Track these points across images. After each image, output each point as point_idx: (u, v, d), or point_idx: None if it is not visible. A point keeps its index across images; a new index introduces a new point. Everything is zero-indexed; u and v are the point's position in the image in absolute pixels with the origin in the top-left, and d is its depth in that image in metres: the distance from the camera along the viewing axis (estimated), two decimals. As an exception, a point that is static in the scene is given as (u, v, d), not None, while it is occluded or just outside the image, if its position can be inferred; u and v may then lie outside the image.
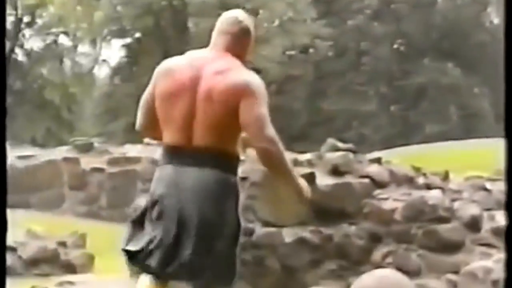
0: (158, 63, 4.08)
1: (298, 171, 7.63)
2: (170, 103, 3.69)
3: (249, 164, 7.73)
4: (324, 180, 7.70)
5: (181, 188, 3.56)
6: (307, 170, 7.72)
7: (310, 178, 7.60)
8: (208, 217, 3.52)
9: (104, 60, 38.57)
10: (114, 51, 43.67)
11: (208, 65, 3.74)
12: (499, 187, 7.78)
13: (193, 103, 3.63)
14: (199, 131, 3.61)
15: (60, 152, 14.33)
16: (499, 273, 6.72)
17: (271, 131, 3.60)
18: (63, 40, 35.68)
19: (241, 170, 7.61)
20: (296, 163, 7.85)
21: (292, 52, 32.85)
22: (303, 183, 3.71)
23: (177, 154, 3.62)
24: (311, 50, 34.12)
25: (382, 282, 4.86)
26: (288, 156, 7.87)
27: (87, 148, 14.31)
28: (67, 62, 36.44)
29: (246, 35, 3.85)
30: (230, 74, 3.70)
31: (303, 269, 6.84)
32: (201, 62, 3.77)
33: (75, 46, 36.85)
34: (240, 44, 3.83)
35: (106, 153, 14.35)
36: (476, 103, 36.28)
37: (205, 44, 4.00)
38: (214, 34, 3.88)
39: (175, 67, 3.81)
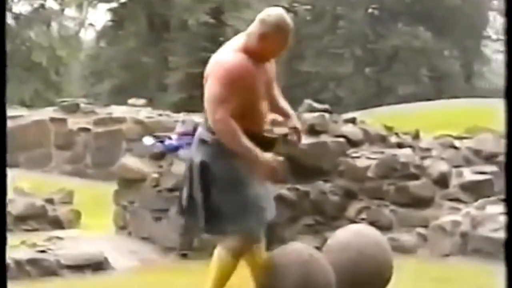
0: (142, 27, 4.03)
1: (278, 131, 7.59)
2: None
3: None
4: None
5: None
6: (285, 129, 7.66)
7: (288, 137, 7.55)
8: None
9: (90, 24, 38.09)
10: (100, 15, 43.10)
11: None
12: (467, 145, 7.78)
13: None
14: None
15: (47, 113, 14.18)
16: (467, 226, 6.75)
17: (219, 113, 3.70)
18: (51, 4, 35.19)
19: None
20: (275, 123, 7.79)
21: (271, 16, 32.57)
22: (266, 159, 3.69)
23: None
24: (290, 14, 33.85)
25: (357, 237, 4.85)
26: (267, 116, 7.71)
27: (73, 109, 14.16)
28: (54, 26, 35.95)
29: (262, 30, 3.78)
30: (216, 54, 3.88)
31: (282, 224, 6.82)
32: None
33: (62, 10, 36.34)
34: (255, 35, 3.78)
35: (92, 114, 14.22)
36: (446, 65, 36.32)
37: (187, 9, 3.95)
38: None
39: None
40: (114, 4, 33.13)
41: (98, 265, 6.34)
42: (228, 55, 3.81)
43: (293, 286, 3.90)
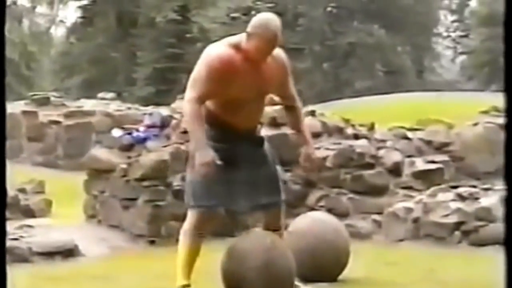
0: (111, 24, 3.98)
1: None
2: None
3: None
4: (263, 131, 7.65)
5: None
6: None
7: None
8: None
9: (61, 21, 37.66)
10: (70, 12, 42.58)
11: None
12: (419, 136, 7.84)
13: None
14: None
15: (19, 106, 13.97)
16: (419, 212, 6.81)
17: (188, 95, 3.77)
18: (22, 1, 34.67)
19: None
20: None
21: (236, 14, 32.52)
22: (199, 154, 3.68)
23: None
24: (252, 12, 33.81)
25: (315, 223, 4.86)
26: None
27: (44, 102, 13.98)
28: (25, 22, 35.44)
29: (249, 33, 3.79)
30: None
31: (245, 212, 6.80)
32: None
33: (34, 7, 35.85)
34: (245, 34, 3.79)
35: (62, 107, 14.06)
36: (399, 61, 36.60)
37: (155, 7, 3.93)
38: None
39: None
40: (84, 2, 32.76)
41: (68, 252, 6.27)
42: (218, 47, 3.81)
43: (256, 271, 3.88)
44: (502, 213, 5.75)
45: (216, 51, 3.81)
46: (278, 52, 3.97)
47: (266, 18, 3.85)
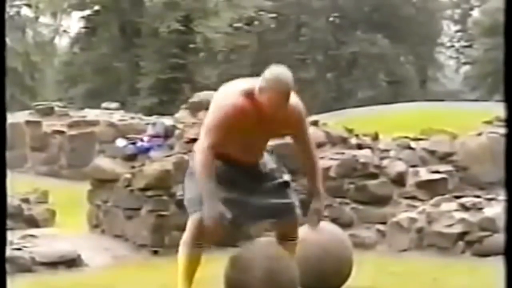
0: (115, 34, 3.99)
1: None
2: None
3: (199, 127, 7.62)
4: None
5: None
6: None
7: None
8: None
9: (64, 31, 37.75)
10: (73, 22, 42.75)
11: None
12: (423, 146, 7.84)
13: None
14: None
15: (23, 116, 14.01)
16: (423, 222, 6.80)
17: (203, 143, 3.79)
18: (26, 11, 34.80)
19: (192, 132, 7.52)
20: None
21: (239, 24, 32.60)
22: (209, 210, 3.68)
23: None
24: (255, 22, 33.90)
25: (319, 233, 4.86)
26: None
27: (48, 112, 14.02)
28: (29, 32, 35.56)
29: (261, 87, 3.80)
30: (225, 86, 3.99)
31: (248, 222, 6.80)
32: None
33: (37, 18, 35.97)
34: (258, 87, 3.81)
35: (66, 117, 14.09)
36: (402, 71, 36.64)
37: (159, 17, 3.93)
38: None
39: None
40: (87, 12, 32.86)
41: (72, 262, 6.27)
42: (233, 96, 3.83)
43: (259, 280, 3.88)
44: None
45: (232, 100, 3.81)
46: (295, 101, 3.94)
47: (278, 72, 3.84)
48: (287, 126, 3.98)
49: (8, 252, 6.03)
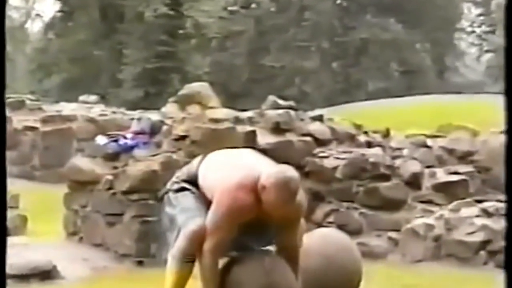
0: (94, 18, 4.01)
1: (240, 129, 7.60)
2: None
3: (189, 122, 7.65)
4: (265, 138, 7.68)
5: None
6: (248, 128, 7.69)
7: (251, 136, 7.57)
8: None
9: (37, 15, 37.77)
10: (48, 5, 42.73)
11: None
12: (440, 144, 7.86)
13: None
14: None
15: (-10, 110, 13.98)
16: (441, 229, 6.82)
17: (210, 244, 3.97)
18: (-7, -7, 34.76)
19: (181, 129, 7.54)
20: (237, 121, 7.80)
21: (234, 7, 32.59)
22: None
23: None
24: (253, 5, 33.90)
25: (324, 242, 4.87)
26: (229, 113, 7.73)
27: (19, 106, 14.01)
28: (-2, 16, 35.52)
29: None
30: (230, 172, 4.11)
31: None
32: None
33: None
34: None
35: (39, 111, 14.09)
36: (417, 59, 36.66)
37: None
38: None
39: None
40: (63, -7, 32.87)
41: (46, 275, 6.28)
42: (243, 194, 3.95)
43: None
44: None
45: (242, 200, 3.94)
46: (299, 199, 4.04)
47: (285, 176, 3.91)
48: (286, 219, 4.09)
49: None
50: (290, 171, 3.97)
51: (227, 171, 4.09)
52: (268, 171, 3.97)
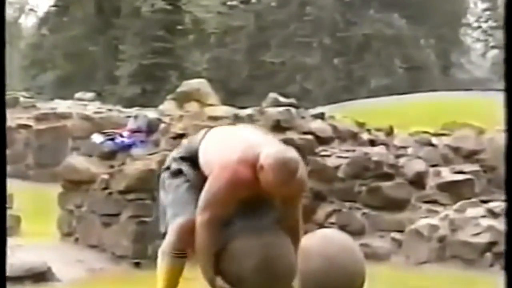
0: (90, 13, 4.00)
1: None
2: None
3: (187, 120, 7.65)
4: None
5: None
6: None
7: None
8: None
9: (31, 9, 37.78)
10: (42, 0, 42.74)
11: None
12: (445, 142, 7.86)
13: None
14: None
15: (-17, 108, 13.98)
16: (445, 230, 6.82)
17: (204, 216, 3.96)
18: (-14, -13, 34.78)
19: (179, 127, 7.55)
20: (237, 118, 7.81)
21: (234, 2, 32.59)
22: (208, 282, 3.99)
23: None
24: (253, 0, 33.91)
25: (325, 243, 4.86)
26: (229, 110, 7.75)
27: (12, 103, 14.00)
28: (-10, 11, 35.54)
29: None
30: (230, 149, 4.09)
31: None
32: None
33: (-1, -6, 35.95)
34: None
35: (33, 109, 14.10)
36: (422, 55, 36.66)
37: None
38: None
39: None
40: (58, -12, 32.88)
41: (40, 276, 6.28)
42: (243, 168, 3.93)
43: (253, 270, 3.92)
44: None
45: (243, 174, 3.92)
46: (300, 176, 4.00)
47: (284, 157, 3.89)
48: (286, 197, 4.08)
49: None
50: (289, 152, 3.93)
51: (228, 146, 4.08)
52: (267, 150, 3.93)
